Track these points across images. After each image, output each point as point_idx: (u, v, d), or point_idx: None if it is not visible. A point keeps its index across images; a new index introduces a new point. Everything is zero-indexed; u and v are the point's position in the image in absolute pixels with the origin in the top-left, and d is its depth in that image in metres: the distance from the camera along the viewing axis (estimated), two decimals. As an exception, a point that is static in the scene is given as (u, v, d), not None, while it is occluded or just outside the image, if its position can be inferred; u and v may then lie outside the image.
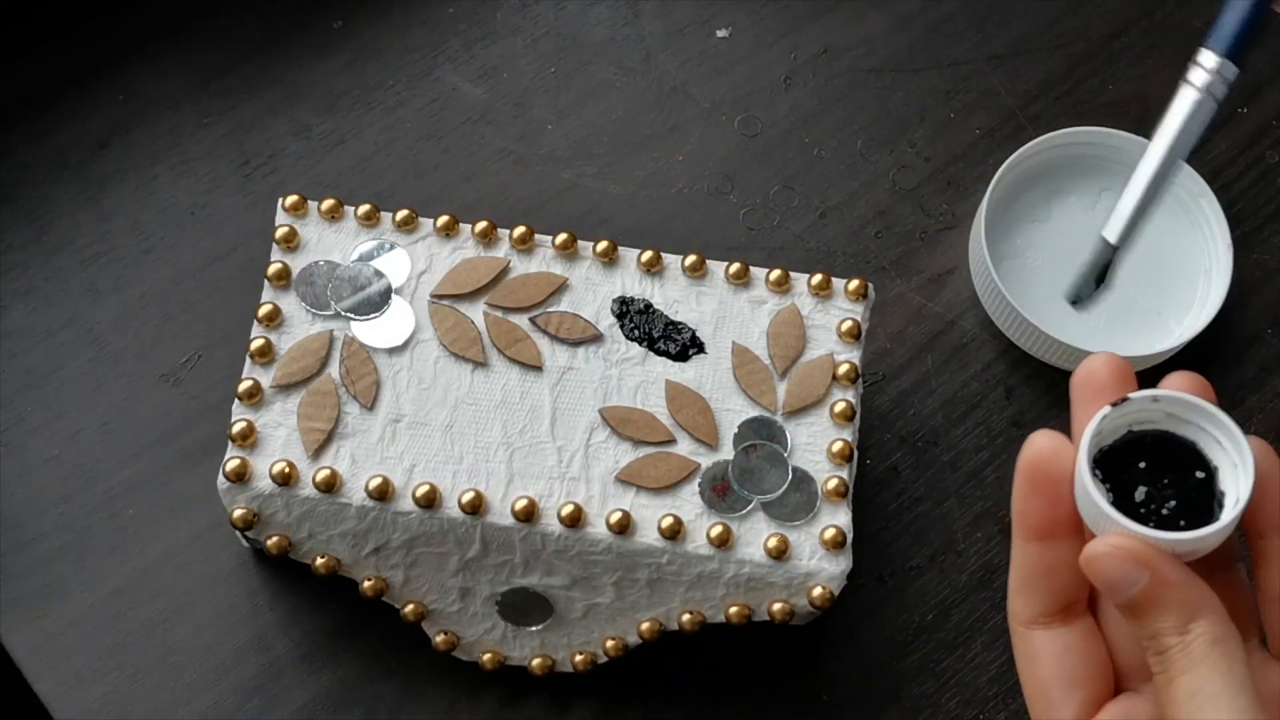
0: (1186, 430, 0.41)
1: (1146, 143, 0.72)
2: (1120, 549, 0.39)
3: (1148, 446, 0.41)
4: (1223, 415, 0.40)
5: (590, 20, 0.77)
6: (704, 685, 0.64)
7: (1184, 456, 0.41)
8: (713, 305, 0.62)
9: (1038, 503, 0.42)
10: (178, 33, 0.75)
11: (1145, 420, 0.41)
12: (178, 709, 0.63)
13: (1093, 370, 0.42)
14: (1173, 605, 0.38)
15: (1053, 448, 0.41)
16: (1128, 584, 0.39)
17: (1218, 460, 0.40)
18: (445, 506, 0.58)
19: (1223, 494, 0.40)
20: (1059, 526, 0.41)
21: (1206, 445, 0.41)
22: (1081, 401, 0.42)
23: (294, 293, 0.61)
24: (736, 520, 0.59)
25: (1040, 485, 0.41)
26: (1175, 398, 0.40)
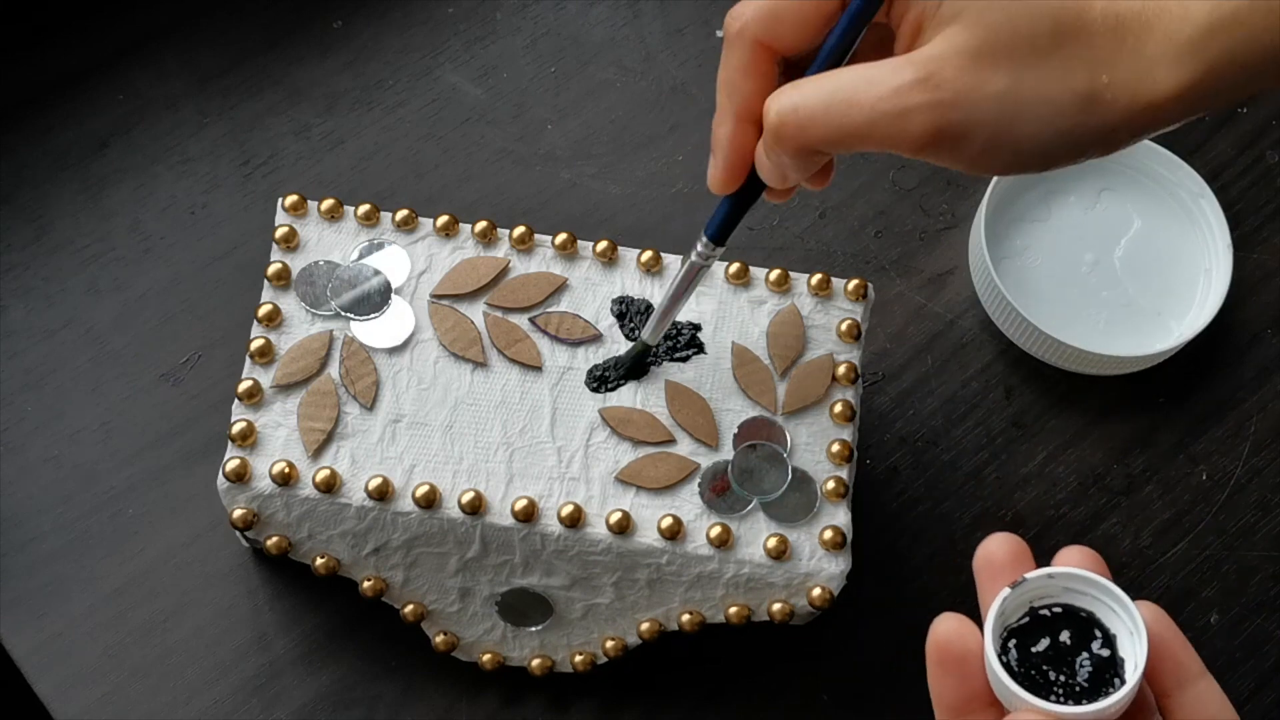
0: (1084, 601, 0.44)
1: (1145, 142, 0.72)
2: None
3: (1050, 621, 0.44)
4: (1114, 587, 0.43)
5: (590, 20, 0.77)
6: (704, 685, 0.64)
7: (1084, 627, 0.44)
8: (713, 305, 0.62)
9: (950, 682, 0.44)
10: (178, 32, 0.75)
11: (1045, 595, 0.44)
12: (177, 709, 0.63)
13: (990, 552, 0.46)
14: None
15: (957, 630, 0.44)
16: None
17: (1115, 628, 0.44)
18: (445, 506, 0.58)
19: (1122, 660, 0.43)
20: (974, 702, 0.44)
21: (1103, 614, 0.44)
22: (984, 582, 0.45)
23: (294, 293, 0.61)
24: (736, 520, 0.59)
25: (950, 666, 0.44)
26: (1069, 573, 0.44)
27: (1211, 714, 0.44)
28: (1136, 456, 0.69)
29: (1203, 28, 0.44)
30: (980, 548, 0.46)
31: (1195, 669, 0.44)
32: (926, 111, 0.44)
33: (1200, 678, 0.44)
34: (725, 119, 0.49)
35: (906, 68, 0.45)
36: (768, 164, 0.49)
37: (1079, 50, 0.45)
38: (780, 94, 0.47)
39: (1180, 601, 0.67)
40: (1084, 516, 0.68)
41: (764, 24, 0.48)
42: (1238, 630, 0.66)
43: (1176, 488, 0.69)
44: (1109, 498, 0.69)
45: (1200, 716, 0.44)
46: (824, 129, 0.46)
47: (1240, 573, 0.67)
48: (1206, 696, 0.44)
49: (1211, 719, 0.44)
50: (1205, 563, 0.68)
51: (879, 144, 0.45)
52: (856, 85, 0.45)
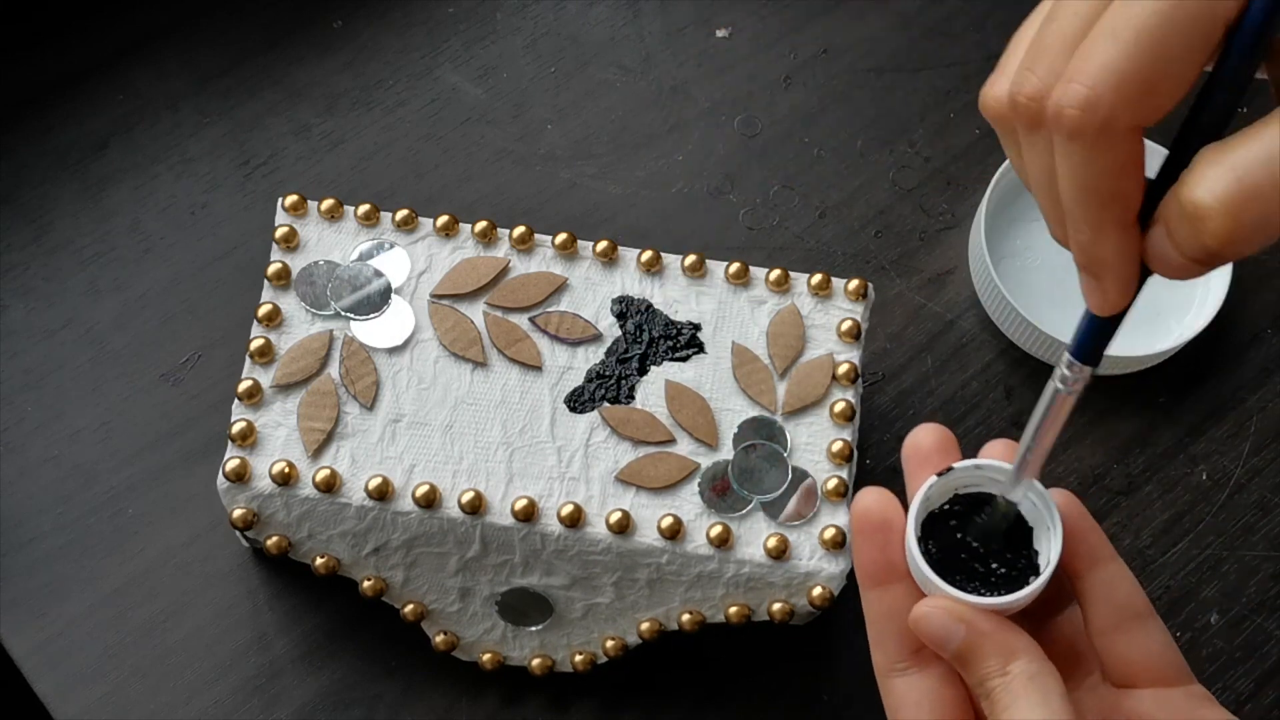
0: (1005, 491, 0.45)
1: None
2: (939, 608, 0.43)
3: (971, 509, 0.45)
4: (1036, 483, 0.44)
5: (590, 20, 0.77)
6: (704, 685, 0.64)
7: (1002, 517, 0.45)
8: (712, 305, 0.62)
9: (870, 551, 0.45)
10: (178, 32, 0.75)
11: (969, 485, 0.45)
12: (177, 709, 0.63)
13: (918, 441, 0.46)
14: (990, 651, 0.42)
15: (878, 502, 0.45)
16: (948, 638, 0.43)
17: (1033, 520, 0.45)
18: (445, 506, 0.58)
19: (1037, 552, 0.45)
20: (892, 571, 0.45)
21: (1024, 507, 0.45)
22: (912, 470, 0.46)
23: (294, 293, 0.61)
24: (736, 520, 0.59)
25: (870, 535, 0.45)
26: (995, 465, 0.45)
27: (1123, 594, 0.44)
28: (1136, 456, 0.69)
29: None
30: (909, 437, 0.46)
31: (1105, 552, 0.45)
32: None
33: (1111, 560, 0.45)
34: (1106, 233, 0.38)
35: None
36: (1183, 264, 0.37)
37: None
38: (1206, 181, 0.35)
39: (1180, 601, 0.67)
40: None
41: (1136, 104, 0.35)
42: (1238, 630, 0.66)
43: (1176, 488, 0.69)
44: (1109, 498, 0.69)
45: (1111, 596, 0.44)
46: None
47: (1240, 573, 0.67)
48: (1117, 578, 0.45)
49: (1124, 596, 0.44)
50: (1205, 563, 0.68)
51: None
52: None
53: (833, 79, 0.76)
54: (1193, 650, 0.66)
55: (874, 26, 0.78)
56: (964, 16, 0.78)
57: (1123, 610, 0.44)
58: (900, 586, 0.45)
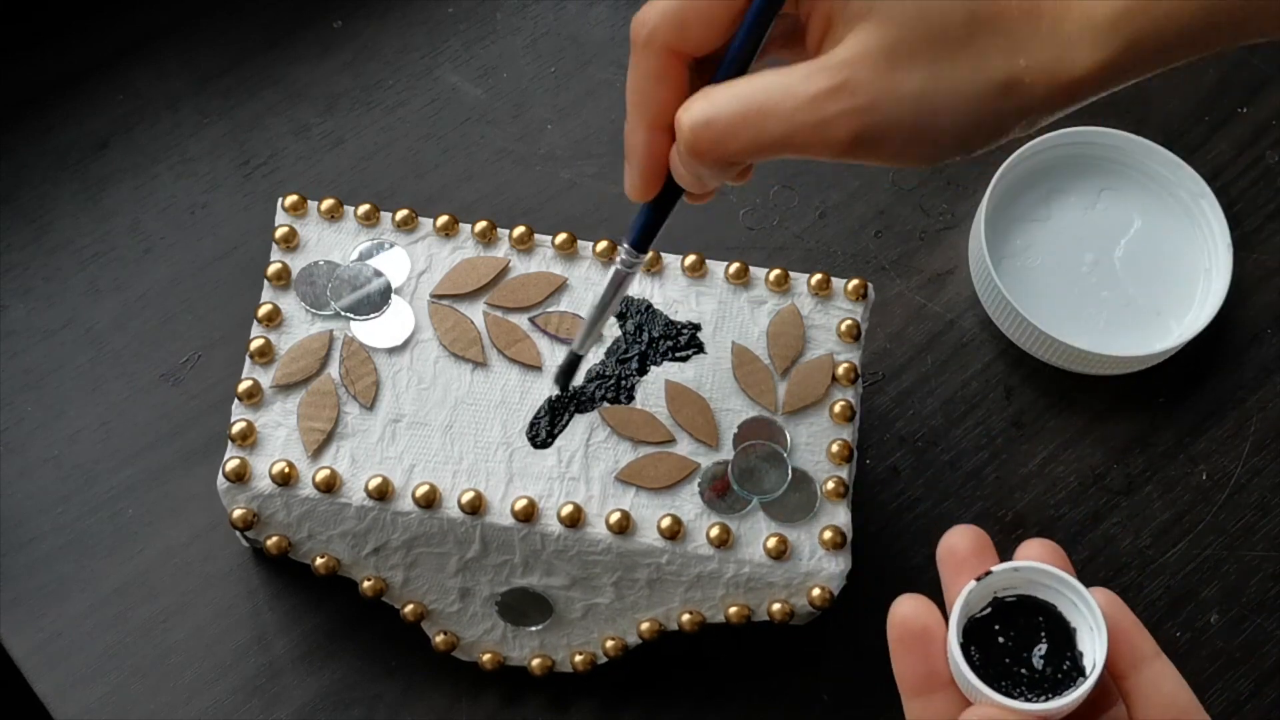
0: (1046, 594, 0.45)
1: (1146, 142, 0.72)
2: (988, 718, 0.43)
3: (1012, 613, 0.45)
4: (1074, 580, 0.44)
5: (590, 20, 0.77)
6: (704, 685, 0.64)
7: (1046, 620, 0.44)
8: (712, 305, 0.62)
9: (911, 661, 0.45)
10: (178, 32, 0.75)
11: (1008, 588, 0.45)
12: (177, 709, 0.63)
13: (953, 544, 0.46)
14: None
15: (916, 610, 0.45)
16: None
17: (1075, 621, 0.44)
18: (445, 506, 0.58)
19: (1081, 654, 0.44)
20: (935, 680, 0.45)
21: (1065, 608, 0.44)
22: (948, 575, 0.46)
23: (294, 293, 0.61)
24: (736, 520, 0.59)
25: (912, 645, 0.45)
26: (1033, 567, 0.44)
27: (1169, 691, 0.44)
28: (1136, 456, 0.69)
29: (1120, 7, 0.44)
30: (943, 540, 0.46)
31: (1149, 650, 0.45)
32: (844, 119, 0.44)
33: (1155, 658, 0.45)
34: (638, 127, 0.48)
35: (821, 74, 0.44)
36: (685, 173, 0.48)
37: (995, 38, 0.44)
38: (691, 106, 0.46)
39: (1180, 601, 0.67)
40: (1084, 516, 0.68)
41: (671, 29, 0.46)
42: (1238, 630, 0.66)
43: (1176, 488, 0.69)
44: (1109, 498, 0.69)
45: (1157, 695, 0.44)
46: (740, 141, 0.45)
47: (1240, 573, 0.67)
48: (1162, 676, 0.45)
49: (1169, 695, 0.44)
50: (1205, 563, 0.68)
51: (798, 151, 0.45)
52: (771, 94, 0.45)
53: (833, 79, 0.76)
54: (1193, 650, 0.66)
55: (874, 26, 0.77)
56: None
57: (1168, 710, 0.44)
58: (943, 694, 0.45)
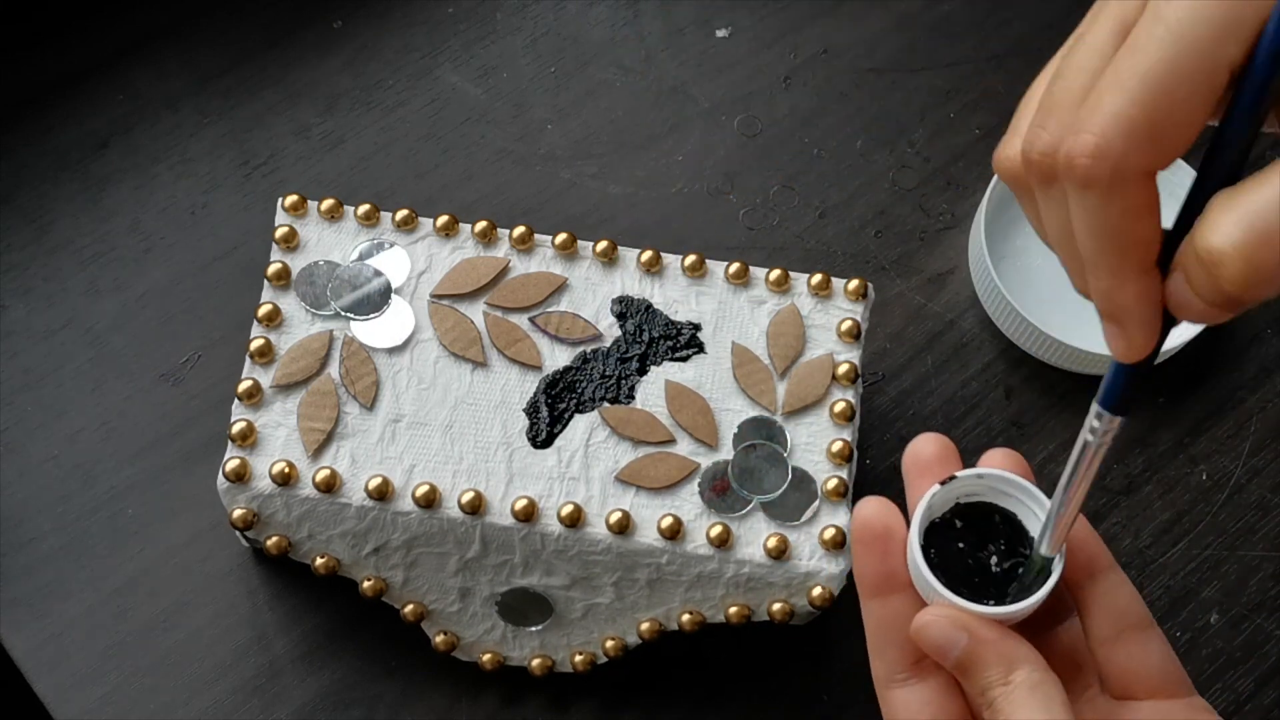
0: (1008, 503, 0.45)
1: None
2: (941, 617, 0.43)
3: (973, 516, 0.45)
4: (1036, 489, 0.44)
5: (590, 20, 0.77)
6: (704, 685, 0.64)
7: (1004, 525, 0.45)
8: (712, 305, 0.62)
9: (871, 561, 0.45)
10: (178, 32, 0.75)
11: (971, 494, 0.45)
12: (177, 709, 0.63)
13: (918, 450, 0.46)
14: (992, 660, 0.42)
15: (879, 511, 0.45)
16: (950, 647, 0.43)
17: (1035, 530, 0.44)
18: (445, 506, 0.58)
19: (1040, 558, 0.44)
20: (893, 581, 0.45)
21: (1025, 516, 0.45)
22: (912, 479, 0.45)
23: (294, 293, 0.61)
24: (736, 520, 0.59)
25: (872, 545, 0.45)
26: (996, 475, 0.45)
27: (1123, 604, 0.45)
28: (1136, 456, 0.69)
29: None
30: (909, 446, 0.46)
31: (1105, 561, 0.45)
32: None
33: (1111, 570, 0.45)
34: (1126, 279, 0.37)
35: None
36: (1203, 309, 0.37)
37: None
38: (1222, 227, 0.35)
39: (1180, 601, 0.67)
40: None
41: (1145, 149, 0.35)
42: (1238, 630, 0.67)
43: (1176, 488, 0.69)
44: (1109, 498, 0.69)
45: (1112, 606, 0.45)
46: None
47: (1240, 573, 0.67)
48: (1117, 588, 0.45)
49: (1123, 605, 0.45)
50: (1205, 563, 0.68)
51: None
52: None
53: (833, 79, 0.76)
54: (1193, 650, 0.66)
55: (874, 26, 0.78)
56: (964, 16, 0.78)
57: (1122, 620, 0.44)
58: (901, 596, 0.44)
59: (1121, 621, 0.44)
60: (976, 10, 0.78)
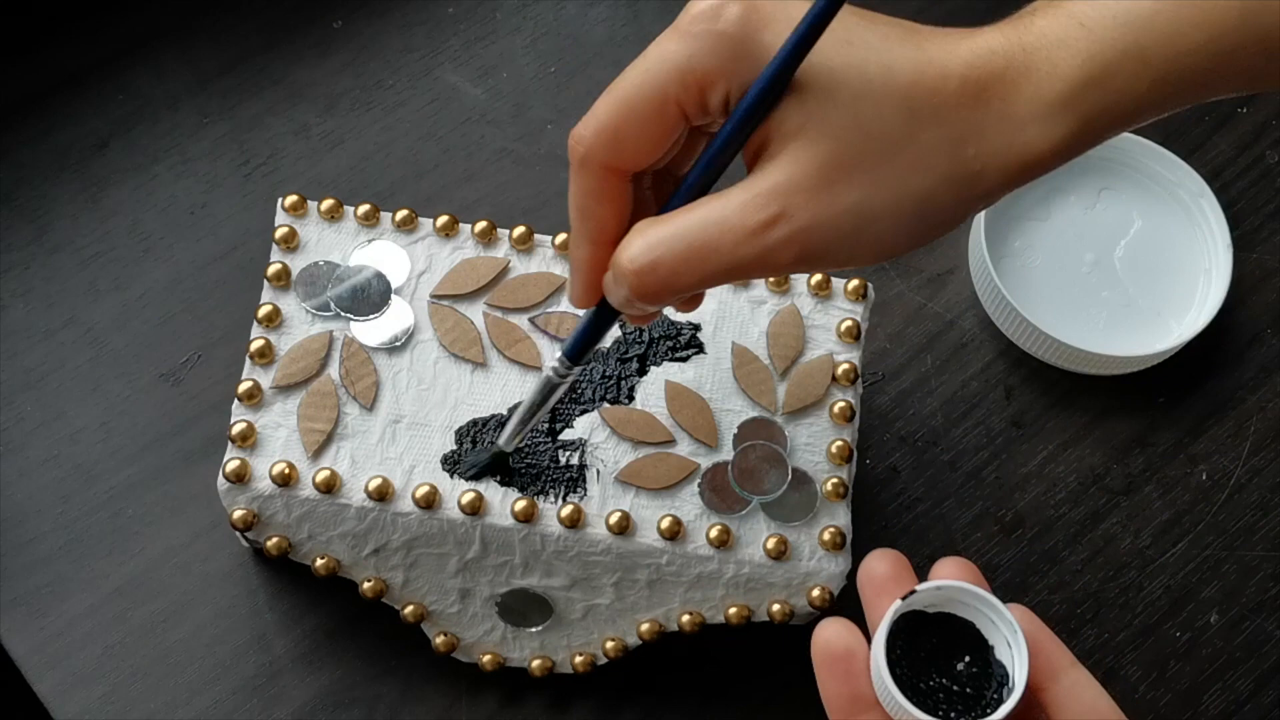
0: (966, 612, 0.46)
1: (1146, 142, 0.72)
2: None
3: (934, 630, 0.46)
4: (993, 598, 0.45)
5: (590, 20, 0.77)
6: (704, 685, 0.64)
7: (965, 635, 0.45)
8: (712, 305, 0.62)
9: (835, 684, 0.45)
10: (178, 32, 0.75)
11: (930, 605, 0.46)
12: (177, 709, 0.63)
13: (873, 569, 0.47)
14: None
15: (839, 633, 0.46)
16: None
17: (993, 638, 0.45)
18: (445, 507, 0.58)
19: (1001, 666, 0.45)
20: (860, 702, 0.45)
21: (983, 625, 0.46)
22: (869, 598, 0.47)
23: (294, 293, 0.61)
24: (736, 520, 0.59)
25: (835, 668, 0.45)
26: (955, 586, 0.45)
27: (1088, 701, 0.45)
28: (1136, 456, 0.69)
29: (1075, 84, 0.44)
30: (862, 565, 0.47)
31: (1066, 661, 0.45)
32: (786, 246, 0.44)
33: (1072, 668, 0.45)
34: (581, 242, 0.48)
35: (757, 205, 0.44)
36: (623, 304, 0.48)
37: (938, 130, 0.44)
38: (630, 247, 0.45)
39: (1180, 601, 0.67)
40: (1084, 516, 0.68)
41: (607, 148, 0.46)
42: (1238, 630, 0.66)
43: (1176, 488, 0.69)
44: (1109, 498, 0.69)
45: (1077, 703, 0.45)
46: (684, 281, 0.45)
47: (1240, 573, 0.67)
48: (1080, 685, 0.45)
49: (1089, 702, 0.45)
50: (1205, 563, 0.68)
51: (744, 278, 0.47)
52: (709, 231, 0.44)
53: (833, 79, 0.76)
54: (1193, 650, 0.66)
55: (874, 26, 0.77)
56: (964, 16, 0.78)
57: (1089, 714, 0.44)
58: (870, 716, 0.45)
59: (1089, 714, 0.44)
60: (976, 10, 0.78)
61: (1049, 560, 0.67)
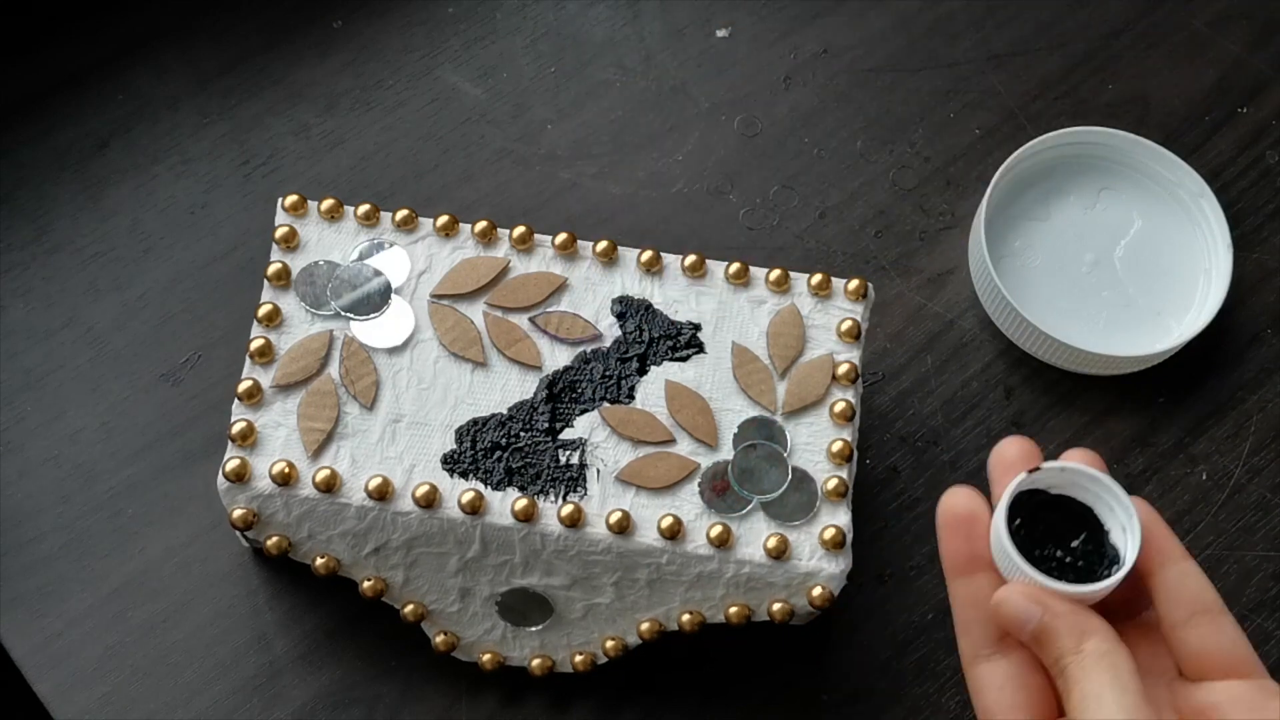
0: (1086, 496, 0.48)
1: (1146, 142, 0.72)
2: (1018, 591, 0.46)
3: (1053, 508, 0.48)
4: (1115, 485, 0.48)
5: (590, 20, 0.77)
6: (704, 685, 0.64)
7: (1082, 517, 0.48)
8: (712, 305, 0.62)
9: (956, 543, 0.48)
10: (178, 32, 0.75)
11: (1054, 486, 0.49)
12: (177, 709, 0.63)
13: (1004, 450, 0.49)
14: (1065, 631, 0.46)
15: (966, 498, 0.49)
16: (1027, 620, 0.46)
17: (1109, 523, 0.48)
18: (445, 506, 0.58)
19: (1114, 549, 0.48)
20: (977, 562, 0.48)
21: (1101, 510, 0.48)
22: (997, 476, 0.49)
23: (294, 293, 0.61)
24: (736, 520, 0.59)
25: (957, 528, 0.48)
26: (1079, 470, 0.48)
27: (1193, 589, 0.47)
28: (1136, 456, 0.69)
29: None
30: (996, 447, 0.49)
31: (1177, 553, 0.48)
32: None
33: (1182, 559, 0.48)
34: None
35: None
36: None
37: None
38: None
39: (1180, 601, 0.67)
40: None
41: None
42: (1238, 630, 0.66)
43: (1176, 488, 0.69)
44: (1109, 498, 0.68)
45: (1183, 590, 0.47)
46: None
47: (1240, 573, 0.67)
48: (1188, 575, 0.47)
49: (1194, 591, 0.47)
50: (1205, 563, 0.67)
51: None
52: None
53: (833, 79, 0.76)
54: (1193, 650, 0.66)
55: (874, 26, 0.78)
56: (964, 16, 0.78)
57: (1194, 605, 0.47)
58: (984, 576, 0.48)
59: (1193, 606, 0.47)
60: (976, 10, 0.78)
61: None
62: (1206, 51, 0.78)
